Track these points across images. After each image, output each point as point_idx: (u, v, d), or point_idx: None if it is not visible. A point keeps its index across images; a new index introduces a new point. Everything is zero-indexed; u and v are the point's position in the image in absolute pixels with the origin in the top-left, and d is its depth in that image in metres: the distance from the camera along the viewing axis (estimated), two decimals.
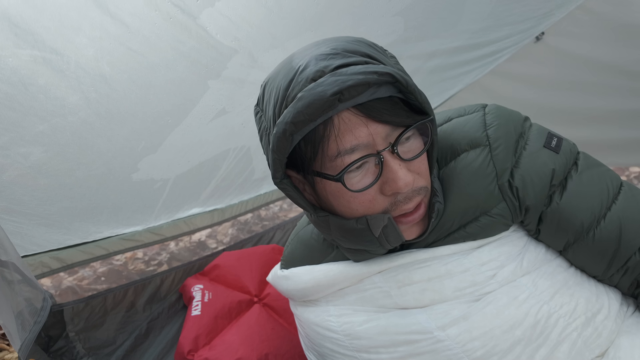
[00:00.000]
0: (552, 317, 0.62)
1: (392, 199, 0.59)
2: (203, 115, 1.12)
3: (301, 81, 0.55)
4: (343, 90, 0.52)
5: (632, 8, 1.47)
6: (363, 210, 0.60)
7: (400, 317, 0.68)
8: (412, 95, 0.56)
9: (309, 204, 0.65)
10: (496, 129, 0.66)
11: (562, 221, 0.65)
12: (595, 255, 0.65)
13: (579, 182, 0.65)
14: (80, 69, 0.82)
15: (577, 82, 1.73)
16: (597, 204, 0.64)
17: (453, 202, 0.66)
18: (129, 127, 1.02)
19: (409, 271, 0.68)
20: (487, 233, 0.67)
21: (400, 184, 0.57)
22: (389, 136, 0.57)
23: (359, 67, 0.53)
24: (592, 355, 0.63)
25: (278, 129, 0.55)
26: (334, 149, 0.56)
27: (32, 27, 0.72)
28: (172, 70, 0.95)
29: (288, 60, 0.60)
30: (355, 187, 0.58)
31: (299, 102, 0.53)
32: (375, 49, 0.60)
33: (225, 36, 0.94)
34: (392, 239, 0.63)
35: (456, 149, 0.68)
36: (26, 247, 1.18)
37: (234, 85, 1.09)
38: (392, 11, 1.17)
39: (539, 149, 0.65)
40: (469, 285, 0.66)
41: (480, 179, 0.65)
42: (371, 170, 0.58)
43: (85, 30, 0.77)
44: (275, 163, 0.58)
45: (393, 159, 0.57)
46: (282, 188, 0.62)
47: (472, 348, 0.62)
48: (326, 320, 0.74)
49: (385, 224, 0.60)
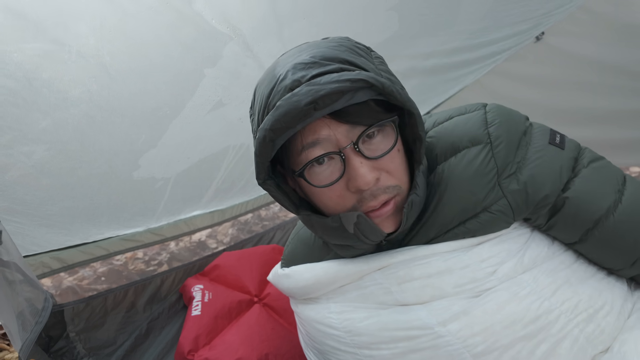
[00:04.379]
0: (552, 313, 0.63)
1: (358, 196, 0.61)
2: (200, 106, 1.12)
3: (280, 90, 0.57)
4: (317, 100, 0.54)
5: (633, 8, 1.47)
6: (333, 205, 0.63)
7: (400, 313, 0.68)
8: (391, 96, 0.58)
9: (292, 204, 0.67)
10: (497, 126, 0.68)
11: (580, 211, 0.65)
12: (615, 244, 0.66)
13: (590, 172, 0.67)
14: (82, 58, 0.83)
15: (578, 82, 1.73)
16: (611, 190, 0.66)
17: (453, 198, 0.67)
18: (129, 120, 1.02)
19: (409, 268, 0.69)
20: (487, 230, 0.67)
21: (359, 181, 0.59)
22: (350, 133, 0.59)
23: (332, 76, 0.55)
24: (595, 351, 0.63)
25: (259, 134, 0.58)
26: (298, 145, 0.60)
27: (34, 18, 0.72)
28: (169, 57, 0.96)
29: (272, 67, 0.63)
30: (320, 182, 0.61)
31: (277, 110, 0.56)
32: (357, 52, 0.61)
33: (220, 22, 0.94)
34: (370, 235, 0.64)
35: (457, 146, 0.69)
36: (27, 248, 1.19)
37: (229, 75, 1.09)
38: (386, 6, 1.16)
39: (544, 145, 0.67)
40: (469, 281, 0.66)
41: (481, 175, 0.66)
42: (337, 167, 0.61)
43: (86, 20, 0.78)
44: (258, 166, 0.61)
45: (355, 156, 0.59)
46: (266, 189, 0.65)
47: (472, 343, 0.62)
48: (327, 317, 0.75)
49: (356, 221, 0.62)
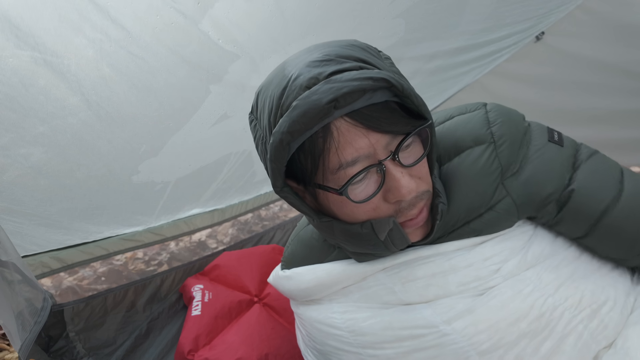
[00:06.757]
0: (557, 310, 0.63)
1: (396, 207, 0.59)
2: (205, 120, 1.12)
3: (295, 89, 0.54)
4: (338, 98, 0.51)
5: (633, 8, 1.47)
6: (365, 217, 0.60)
7: (404, 312, 0.68)
8: (409, 99, 0.56)
9: (312, 210, 0.64)
10: (500, 126, 0.68)
11: (586, 204, 0.65)
12: (621, 234, 0.66)
13: (591, 166, 0.67)
14: (81, 70, 0.82)
15: (577, 82, 1.73)
16: (613, 181, 0.67)
17: (458, 198, 0.67)
18: (130, 130, 1.02)
19: (413, 267, 0.69)
20: (492, 229, 0.67)
21: (403, 191, 0.56)
22: (390, 144, 0.56)
23: (353, 73, 0.52)
24: (599, 347, 0.63)
25: (275, 138, 0.54)
26: (335, 162, 0.55)
27: (32, 29, 0.72)
28: (173, 74, 0.95)
29: (280, 68, 0.59)
30: (358, 197, 0.57)
31: (294, 111, 0.52)
32: (369, 52, 0.59)
33: (226, 41, 0.94)
34: (397, 242, 0.63)
35: (460, 146, 0.68)
36: (26, 247, 1.19)
37: (235, 89, 1.09)
38: (393, 13, 1.17)
39: (544, 143, 0.67)
40: (473, 279, 0.66)
41: (486, 175, 0.66)
42: (373, 179, 0.58)
43: (85, 32, 0.77)
44: (275, 172, 0.58)
45: (395, 166, 0.56)
46: (284, 196, 0.61)
47: (478, 341, 0.62)
48: (330, 317, 0.74)
49: (391, 227, 0.60)
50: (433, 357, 0.64)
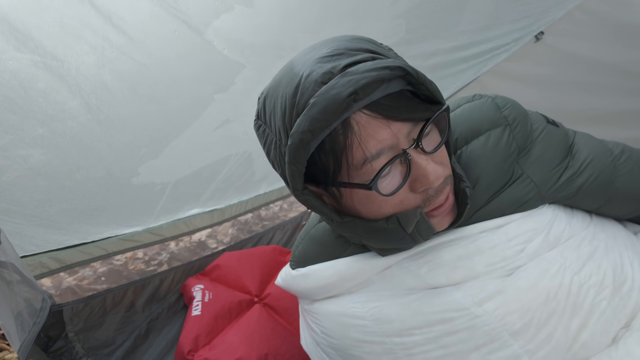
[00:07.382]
0: (582, 288, 0.63)
1: (424, 195, 0.58)
2: (207, 125, 1.11)
3: (309, 86, 0.52)
4: (358, 90, 0.50)
5: (632, 8, 1.47)
6: (394, 211, 0.59)
7: (433, 296, 0.66)
8: (423, 86, 0.55)
9: (333, 211, 0.63)
10: (510, 109, 0.71)
11: (596, 173, 0.71)
12: (635, 193, 0.73)
13: (582, 138, 0.75)
14: (81, 74, 0.82)
15: (577, 82, 1.72)
16: (604, 148, 0.73)
17: (484, 179, 0.68)
18: (130, 134, 1.02)
19: (438, 251, 0.68)
20: (513, 209, 0.68)
21: (431, 178, 0.55)
22: (411, 132, 0.55)
23: (369, 64, 0.51)
24: (620, 325, 0.64)
25: (294, 139, 0.53)
26: (360, 157, 0.54)
27: (32, 33, 0.72)
28: (175, 82, 0.95)
29: (288, 67, 0.57)
30: (386, 190, 0.56)
31: (312, 108, 0.51)
32: (374, 43, 0.59)
33: (232, 51, 0.93)
34: (424, 233, 0.62)
35: (477, 129, 0.70)
36: (25, 248, 1.18)
37: (240, 97, 1.09)
38: (393, 14, 1.17)
39: (545, 125, 0.72)
40: (499, 260, 0.66)
41: (507, 156, 0.68)
42: (398, 171, 0.57)
43: (86, 38, 0.77)
44: (294, 175, 0.56)
45: (419, 154, 0.56)
46: (304, 199, 0.59)
47: (510, 321, 0.62)
48: (351, 307, 0.71)
49: (418, 219, 0.59)
50: (464, 340, 0.63)
